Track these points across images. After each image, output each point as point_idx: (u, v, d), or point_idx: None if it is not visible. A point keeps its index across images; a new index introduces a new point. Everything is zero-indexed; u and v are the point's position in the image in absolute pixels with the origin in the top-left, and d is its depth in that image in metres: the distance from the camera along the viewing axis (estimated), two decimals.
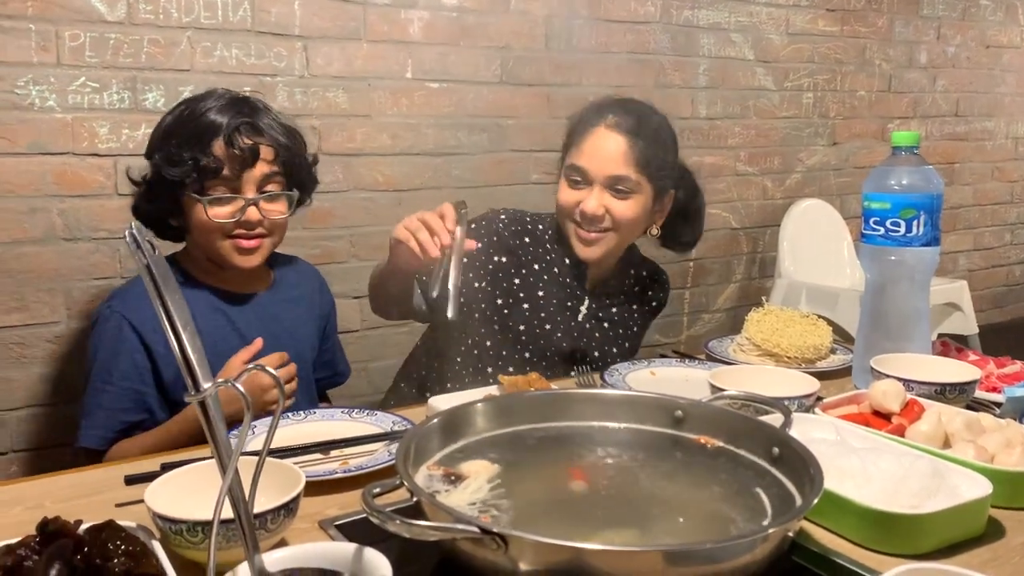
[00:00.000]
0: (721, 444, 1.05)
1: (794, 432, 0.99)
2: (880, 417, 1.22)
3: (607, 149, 1.60)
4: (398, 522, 0.75)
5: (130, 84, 2.01)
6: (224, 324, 1.53)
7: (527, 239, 1.70)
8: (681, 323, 3.15)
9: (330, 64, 2.27)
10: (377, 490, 0.81)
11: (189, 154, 1.43)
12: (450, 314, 1.34)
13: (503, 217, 1.72)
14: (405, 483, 0.84)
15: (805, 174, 3.38)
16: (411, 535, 0.76)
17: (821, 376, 1.45)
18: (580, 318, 1.72)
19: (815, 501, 0.82)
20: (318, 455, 1.15)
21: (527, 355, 1.65)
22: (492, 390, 1.37)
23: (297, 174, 1.57)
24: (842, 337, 1.81)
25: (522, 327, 1.64)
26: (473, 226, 1.67)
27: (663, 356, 1.72)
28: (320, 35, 2.23)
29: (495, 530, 0.74)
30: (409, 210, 2.40)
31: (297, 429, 1.25)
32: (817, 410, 1.23)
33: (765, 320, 1.68)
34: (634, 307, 1.81)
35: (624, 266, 1.79)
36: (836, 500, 0.95)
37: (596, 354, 1.72)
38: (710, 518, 0.93)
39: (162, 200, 1.49)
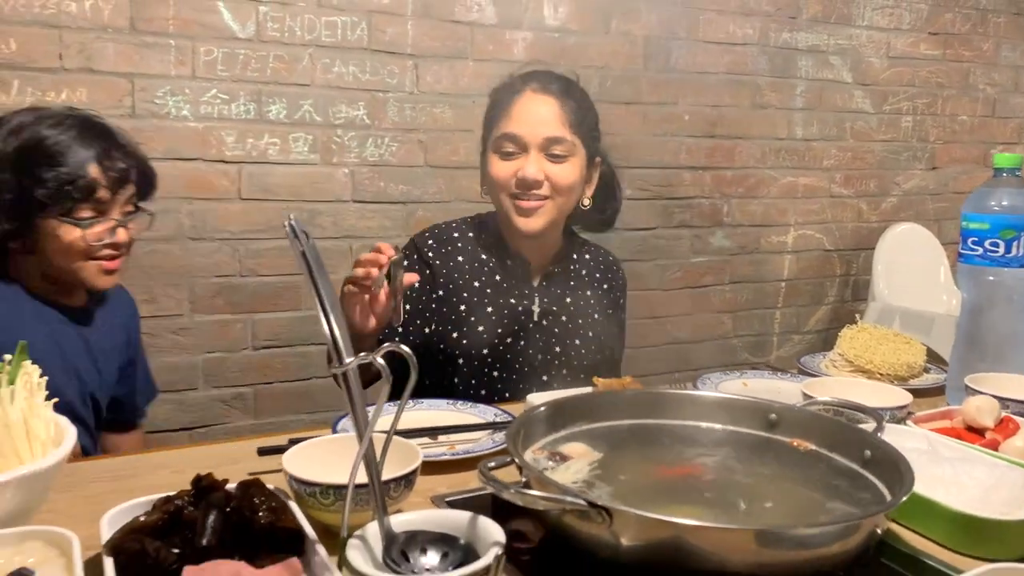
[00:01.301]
0: (813, 447, 1.09)
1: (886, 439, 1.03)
2: (973, 432, 1.24)
3: (539, 112, 1.56)
4: (512, 491, 0.82)
5: (256, 96, 2.16)
6: (73, 335, 1.51)
7: (460, 257, 1.64)
8: (771, 343, 3.16)
9: (438, 81, 2.39)
10: (492, 464, 0.89)
11: (56, 174, 1.39)
12: (395, 322, 1.42)
13: (430, 241, 1.66)
14: (516, 460, 0.92)
15: (902, 198, 3.35)
16: (523, 503, 0.83)
17: (914, 394, 1.45)
18: (536, 318, 1.64)
19: (906, 496, 0.86)
20: (427, 439, 1.24)
21: (495, 374, 1.61)
22: (586, 391, 1.44)
23: (148, 193, 1.58)
24: (936, 362, 1.81)
25: (485, 351, 1.59)
26: (406, 263, 1.58)
27: (755, 368, 1.75)
28: (430, 54, 2.35)
29: (601, 503, 0.81)
30: None
31: (406, 416, 1.34)
32: (909, 422, 1.25)
33: (858, 337, 1.69)
34: (588, 292, 1.72)
35: (566, 252, 1.73)
36: (927, 504, 0.98)
37: (558, 349, 1.65)
38: (802, 510, 0.97)
39: (8, 222, 1.41)
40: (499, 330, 1.60)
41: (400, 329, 1.59)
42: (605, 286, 1.77)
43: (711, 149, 2.88)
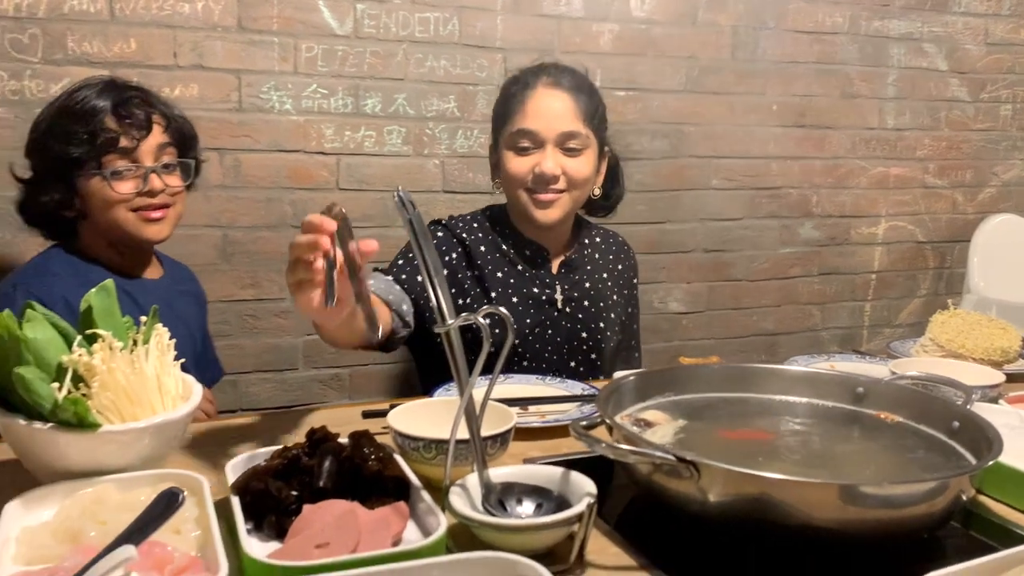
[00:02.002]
0: (901, 419, 1.11)
1: None
2: None
3: (553, 107, 1.57)
4: (604, 445, 0.87)
5: (353, 91, 2.26)
6: (125, 299, 1.42)
7: (482, 247, 1.65)
8: (861, 336, 3.11)
9: None
10: (584, 423, 0.94)
11: (84, 130, 1.45)
12: (374, 337, 1.08)
13: (459, 223, 1.68)
14: (607, 420, 0.97)
15: (1000, 188, 3.25)
16: (615, 456, 0.88)
17: (1009, 379, 1.44)
18: (559, 306, 1.66)
19: (994, 460, 0.87)
20: (518, 409, 1.30)
21: (524, 363, 1.62)
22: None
23: (189, 146, 1.61)
24: None
25: (517, 341, 1.60)
26: (441, 234, 1.65)
27: (841, 352, 1.75)
28: (519, 47, 2.41)
29: (689, 458, 0.85)
30: None
31: (498, 389, 1.39)
32: (1001, 401, 1.25)
33: (950, 322, 1.68)
34: (604, 275, 1.74)
35: (580, 237, 1.75)
36: (1017, 475, 0.99)
37: (584, 335, 1.67)
38: (888, 473, 0.99)
39: (56, 189, 1.50)
40: (527, 320, 1.62)
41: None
42: (620, 267, 1.79)
43: (799, 139, 2.86)
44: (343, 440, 0.98)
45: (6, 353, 0.91)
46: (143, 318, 1.03)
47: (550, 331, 1.64)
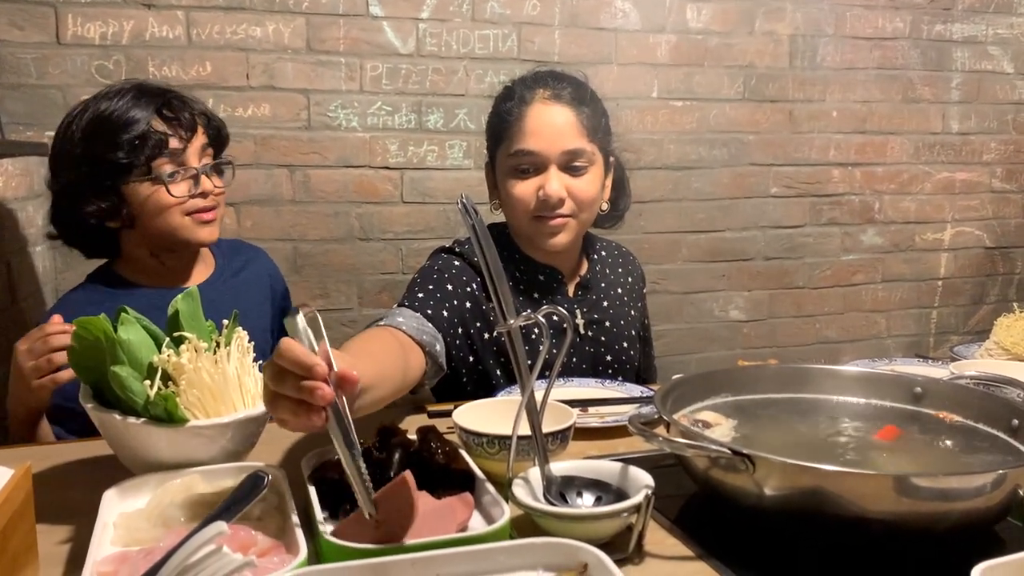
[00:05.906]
0: (960, 419, 1.11)
1: None
2: None
3: (555, 123, 1.46)
4: (660, 439, 0.90)
5: (416, 107, 2.34)
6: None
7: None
8: (928, 343, 3.06)
9: None
10: (642, 420, 0.97)
11: (131, 135, 1.41)
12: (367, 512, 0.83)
13: (466, 247, 1.55)
14: (664, 417, 1.00)
15: None
16: (671, 449, 0.91)
17: None
18: (581, 330, 1.58)
19: None
20: (578, 411, 1.33)
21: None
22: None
23: (223, 147, 1.59)
24: None
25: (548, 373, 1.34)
26: (458, 263, 1.52)
27: (904, 357, 1.74)
28: (576, 60, 2.45)
29: (744, 451, 0.87)
30: (651, 221, 2.58)
31: (558, 392, 1.43)
32: None
33: (1015, 325, 1.66)
34: (619, 291, 1.66)
35: (589, 255, 1.66)
36: None
37: (608, 358, 1.61)
38: (946, 468, 1.00)
39: (101, 198, 1.44)
40: (555, 352, 1.39)
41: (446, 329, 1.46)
42: (629, 279, 1.71)
43: (861, 145, 2.84)
44: (411, 436, 1.03)
45: (103, 354, 0.99)
46: (225, 321, 1.10)
47: (575, 359, 1.58)
